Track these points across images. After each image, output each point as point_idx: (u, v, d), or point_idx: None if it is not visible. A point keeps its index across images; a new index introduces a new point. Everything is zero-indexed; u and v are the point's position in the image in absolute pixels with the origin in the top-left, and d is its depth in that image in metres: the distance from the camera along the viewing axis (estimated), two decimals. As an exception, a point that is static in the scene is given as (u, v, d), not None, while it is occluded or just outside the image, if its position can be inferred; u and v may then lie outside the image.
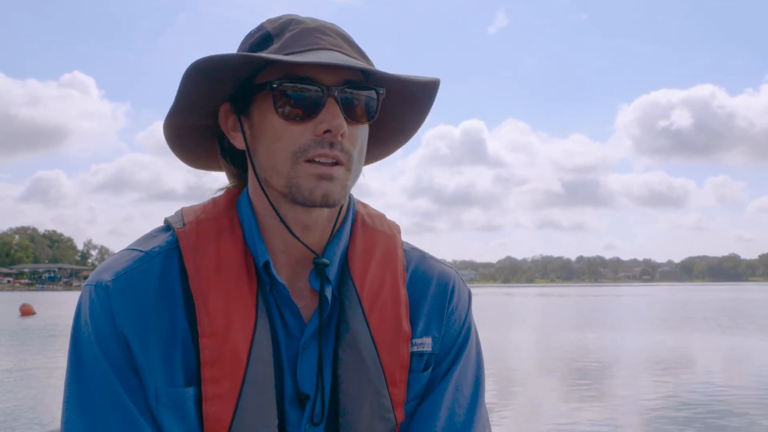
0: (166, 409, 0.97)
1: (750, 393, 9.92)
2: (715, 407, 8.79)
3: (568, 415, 8.43)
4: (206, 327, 0.98)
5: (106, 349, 0.97)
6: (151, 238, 1.06)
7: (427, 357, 1.10)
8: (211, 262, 1.01)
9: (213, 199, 1.11)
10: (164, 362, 0.98)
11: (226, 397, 0.97)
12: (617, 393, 10.07)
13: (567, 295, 78.89)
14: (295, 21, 1.03)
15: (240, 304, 1.00)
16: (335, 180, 0.99)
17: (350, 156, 1.00)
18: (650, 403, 9.15)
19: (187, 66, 0.97)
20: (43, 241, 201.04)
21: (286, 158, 0.98)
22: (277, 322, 1.04)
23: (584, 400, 9.42)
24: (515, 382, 11.29)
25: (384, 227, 1.15)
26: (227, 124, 1.06)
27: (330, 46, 1.00)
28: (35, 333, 22.78)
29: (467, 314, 1.16)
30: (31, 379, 12.00)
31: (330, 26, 1.04)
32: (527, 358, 15.35)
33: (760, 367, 13.18)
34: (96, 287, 1.00)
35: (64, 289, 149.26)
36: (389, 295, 1.08)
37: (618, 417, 8.36)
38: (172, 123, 1.07)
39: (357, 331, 1.05)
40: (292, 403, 1.03)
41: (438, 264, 1.17)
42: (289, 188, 0.99)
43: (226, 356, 0.97)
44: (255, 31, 1.06)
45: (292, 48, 0.99)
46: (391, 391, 1.05)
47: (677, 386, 10.63)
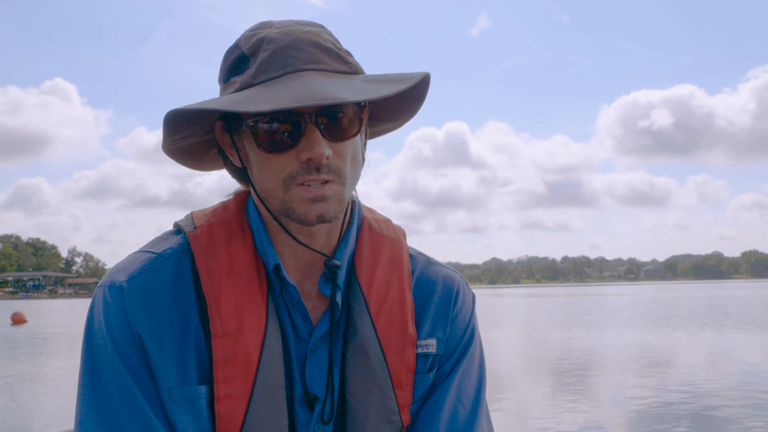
0: (179, 408, 0.99)
1: (731, 389, 10.07)
2: (698, 403, 8.91)
3: (554, 415, 8.49)
4: (219, 328, 0.99)
5: (121, 348, 0.99)
6: (163, 240, 1.09)
7: (432, 358, 1.12)
8: (222, 264, 1.03)
9: (223, 203, 1.13)
10: (177, 361, 0.99)
11: (238, 397, 0.99)
12: (602, 391, 10.18)
13: (553, 295, 79.15)
14: (267, 39, 1.01)
15: (251, 306, 1.02)
16: (328, 199, 0.99)
17: (340, 172, 1.00)
18: (634, 401, 9.25)
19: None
20: (26, 249, 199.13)
21: (278, 185, 0.99)
22: (287, 324, 1.06)
23: (570, 399, 9.52)
24: (502, 381, 11.38)
25: (390, 232, 1.17)
26: (223, 142, 1.07)
27: (305, 65, 0.99)
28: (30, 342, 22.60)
29: (471, 317, 1.18)
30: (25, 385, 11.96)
31: (304, 37, 1.02)
32: (514, 358, 15.46)
33: (741, 363, 13.38)
34: (110, 288, 1.02)
35: (49, 297, 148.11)
36: (395, 299, 1.10)
37: (602, 415, 8.46)
38: (170, 147, 1.08)
39: (364, 334, 1.07)
40: (301, 403, 1.05)
41: (443, 268, 1.19)
42: (285, 210, 1.01)
43: (238, 357, 0.99)
44: (232, 49, 1.06)
45: (265, 74, 0.98)
46: (398, 394, 1.07)
47: (661, 384, 10.76)
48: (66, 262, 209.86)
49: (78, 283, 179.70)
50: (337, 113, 0.99)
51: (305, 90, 0.93)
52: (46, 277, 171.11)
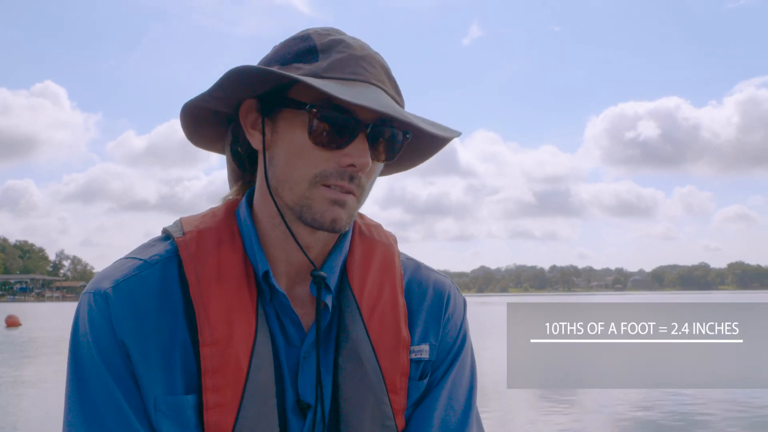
0: (165, 418, 0.97)
1: (714, 397, 10.15)
2: (683, 411, 8.98)
3: (538, 422, 8.55)
4: (207, 336, 0.98)
5: (106, 356, 0.97)
6: (149, 247, 1.07)
7: (423, 364, 1.11)
8: (211, 271, 1.02)
9: (212, 210, 1.12)
10: (163, 370, 0.98)
11: (228, 406, 0.97)
12: (589, 401, 10.24)
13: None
14: (344, 43, 1.03)
15: (241, 313, 1.01)
16: (346, 207, 1.00)
17: (363, 190, 1.02)
18: (620, 410, 9.30)
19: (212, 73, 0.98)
20: (14, 252, 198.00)
21: (305, 178, 0.99)
22: (277, 331, 1.05)
23: (555, 406, 9.57)
24: (487, 389, 11.43)
25: (381, 237, 1.17)
26: (247, 120, 1.05)
27: (374, 81, 1.01)
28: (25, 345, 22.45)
29: (462, 322, 1.18)
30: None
31: (376, 57, 1.04)
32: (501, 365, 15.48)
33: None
34: (95, 295, 1.00)
35: (36, 300, 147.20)
36: (388, 303, 1.09)
37: (587, 423, 8.53)
38: (192, 102, 1.07)
39: (357, 339, 1.06)
40: (293, 411, 1.04)
41: (433, 273, 1.19)
42: (300, 207, 1.00)
43: (227, 365, 0.98)
44: (300, 39, 1.05)
45: (337, 72, 0.99)
46: (392, 398, 1.06)
47: (647, 394, 10.83)
48: (53, 265, 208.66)
49: (66, 287, 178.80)
50: (387, 135, 1.01)
51: (383, 103, 0.96)
52: (33, 280, 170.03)
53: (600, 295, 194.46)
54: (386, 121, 1.00)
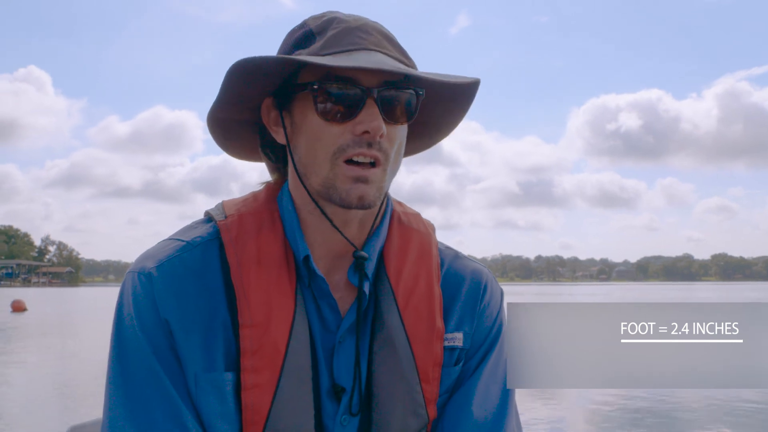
0: (205, 394, 0.99)
1: (715, 397, 9.93)
2: (661, 407, 9.00)
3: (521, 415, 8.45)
4: (247, 318, 0.99)
5: (149, 334, 0.99)
6: (192, 228, 1.09)
7: (458, 352, 1.11)
8: (252, 255, 1.03)
9: (253, 193, 1.13)
10: (204, 349, 1.00)
11: (265, 387, 0.99)
12: (568, 393, 9.94)
13: (527, 293, 79.34)
14: (337, 19, 1.04)
15: (280, 296, 1.02)
16: (371, 182, 1.00)
17: (387, 155, 1.01)
18: (600, 402, 9.28)
19: (225, 65, 0.98)
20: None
21: (326, 158, 1.00)
22: (314, 315, 1.05)
23: (535, 400, 9.39)
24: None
25: (419, 226, 1.17)
26: (269, 119, 1.08)
27: (372, 46, 1.01)
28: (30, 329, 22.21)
29: (499, 311, 1.17)
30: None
31: (373, 24, 1.05)
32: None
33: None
34: (139, 274, 1.02)
35: (23, 285, 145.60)
36: (423, 292, 1.10)
37: (567, 416, 8.56)
38: (215, 116, 1.09)
39: (392, 326, 1.06)
40: (328, 394, 1.05)
41: (471, 263, 1.19)
42: (326, 188, 1.01)
43: (265, 347, 0.99)
44: (298, 28, 1.07)
45: (333, 47, 1.00)
46: (424, 388, 1.07)
47: (645, 392, 10.85)
48: (39, 251, 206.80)
49: (52, 272, 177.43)
50: (397, 96, 1.01)
51: (377, 61, 0.97)
52: (19, 265, 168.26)
53: (585, 286, 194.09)
54: (393, 83, 1.00)
